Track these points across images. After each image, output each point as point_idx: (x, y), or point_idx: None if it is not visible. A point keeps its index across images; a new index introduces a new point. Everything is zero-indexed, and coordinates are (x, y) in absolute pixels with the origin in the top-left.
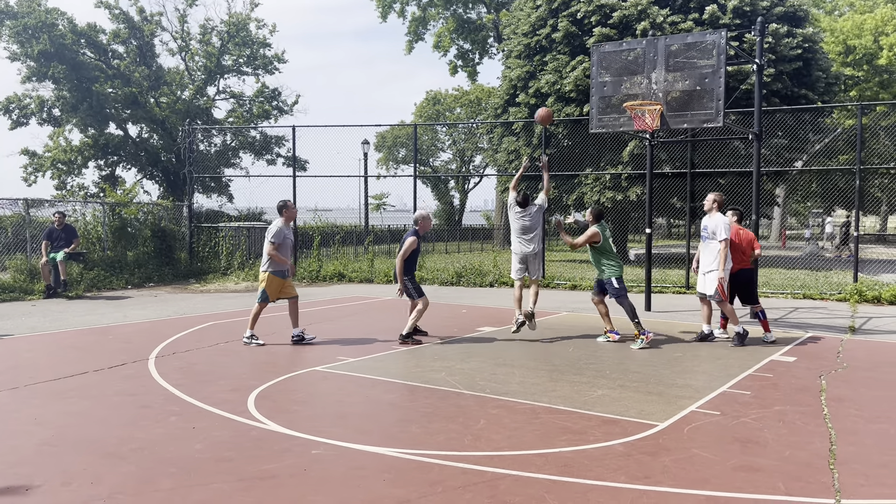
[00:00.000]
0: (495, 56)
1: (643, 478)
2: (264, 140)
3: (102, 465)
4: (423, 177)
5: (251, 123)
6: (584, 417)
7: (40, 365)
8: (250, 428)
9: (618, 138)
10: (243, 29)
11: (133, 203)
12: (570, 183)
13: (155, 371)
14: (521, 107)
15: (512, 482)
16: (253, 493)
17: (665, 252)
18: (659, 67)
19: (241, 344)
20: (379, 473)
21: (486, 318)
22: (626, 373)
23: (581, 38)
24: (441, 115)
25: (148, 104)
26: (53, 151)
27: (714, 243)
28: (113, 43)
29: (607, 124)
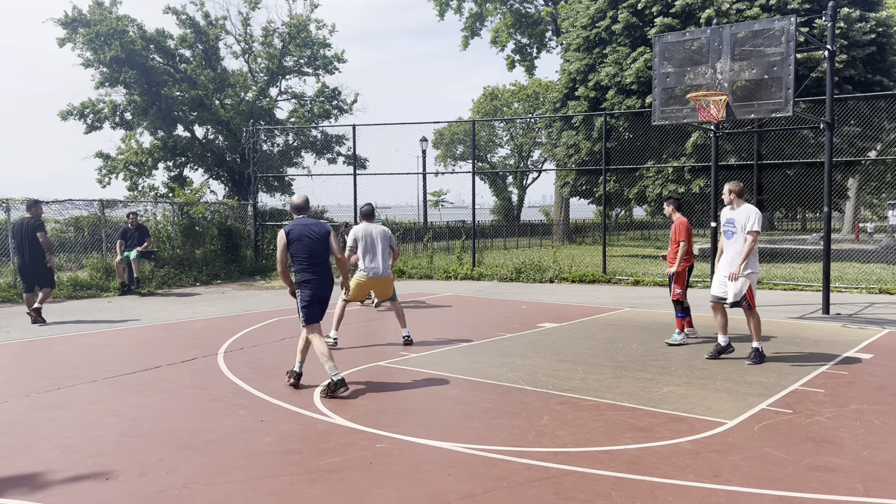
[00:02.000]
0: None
1: (712, 476)
2: (325, 139)
3: (177, 455)
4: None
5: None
6: (650, 414)
7: (116, 359)
8: (316, 421)
9: (681, 130)
10: (304, 30)
11: (200, 203)
12: (630, 177)
13: (224, 365)
14: (581, 100)
15: (577, 479)
16: (320, 486)
17: None
18: (724, 56)
19: None
20: (443, 468)
21: (546, 315)
22: (693, 369)
23: (642, 28)
24: (498, 111)
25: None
26: (125, 154)
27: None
28: (180, 48)
29: (670, 116)
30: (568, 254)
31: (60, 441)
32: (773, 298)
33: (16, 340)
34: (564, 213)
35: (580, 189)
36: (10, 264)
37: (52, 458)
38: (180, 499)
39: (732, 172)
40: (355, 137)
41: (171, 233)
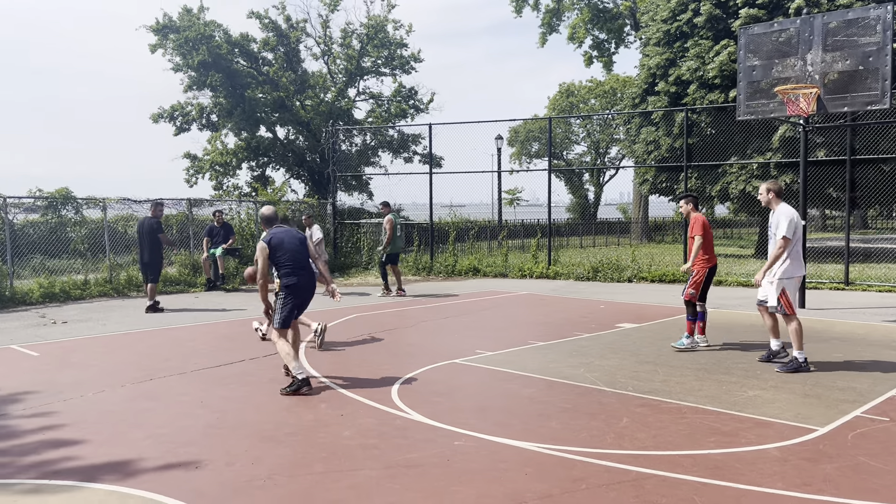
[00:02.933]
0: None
1: (802, 485)
2: (402, 138)
3: (261, 447)
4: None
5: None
6: (735, 419)
7: (203, 352)
8: (395, 417)
9: (766, 125)
10: (381, 31)
11: (282, 201)
12: (713, 173)
13: (305, 360)
14: (661, 95)
15: (658, 482)
16: (399, 481)
17: (820, 245)
18: (815, 47)
19: (384, 335)
20: (520, 467)
21: (625, 314)
22: (780, 374)
23: (725, 21)
24: (575, 108)
25: (294, 107)
26: (211, 154)
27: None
28: (263, 51)
29: (756, 110)
30: (647, 252)
31: (153, 430)
32: (867, 301)
33: (112, 333)
34: (643, 210)
35: (660, 186)
36: (106, 261)
37: (144, 446)
38: (265, 489)
39: (822, 168)
40: (431, 136)
41: (254, 231)
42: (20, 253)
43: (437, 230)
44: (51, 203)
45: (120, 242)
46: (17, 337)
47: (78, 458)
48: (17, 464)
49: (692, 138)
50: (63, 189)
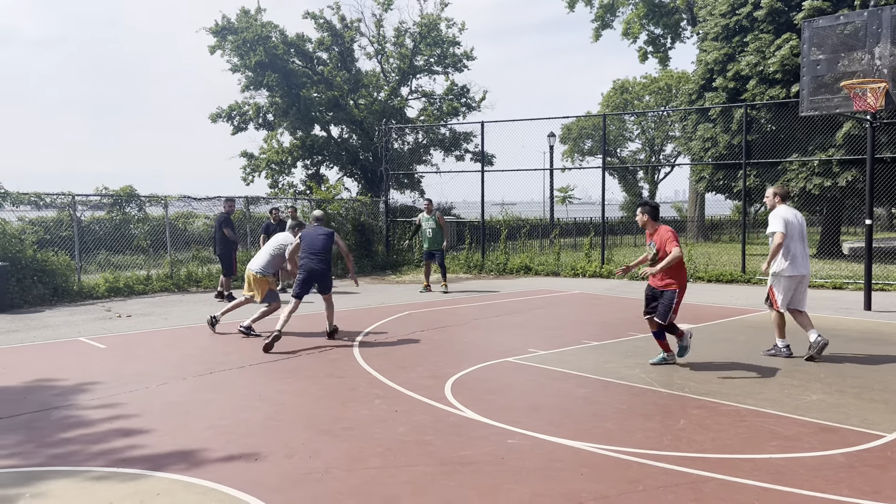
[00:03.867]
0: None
1: (871, 493)
2: (453, 137)
3: (318, 440)
4: (610, 168)
5: (441, 121)
6: (797, 423)
7: (260, 347)
8: (448, 414)
9: (829, 121)
10: (434, 29)
11: (336, 199)
12: (772, 171)
13: (359, 356)
14: (718, 91)
15: (718, 486)
16: (454, 478)
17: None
18: (884, 40)
19: (436, 332)
20: (576, 467)
21: (681, 315)
22: (844, 377)
23: (787, 14)
24: (629, 105)
25: (348, 106)
26: (267, 153)
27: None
28: (318, 50)
29: (820, 106)
30: (703, 251)
31: (214, 421)
32: None
33: (173, 327)
34: (699, 209)
35: (717, 184)
36: (167, 257)
37: (206, 437)
38: (323, 482)
39: (888, 166)
40: (483, 134)
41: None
42: (87, 249)
43: (489, 228)
44: (116, 201)
45: (180, 239)
46: (84, 330)
47: (144, 447)
48: (87, 451)
49: (751, 135)
50: (127, 187)
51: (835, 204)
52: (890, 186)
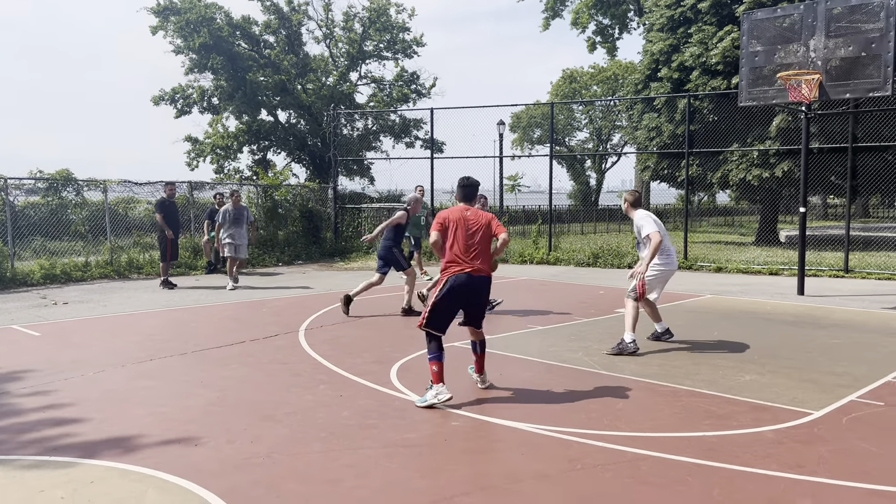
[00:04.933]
0: (635, 31)
1: (796, 467)
2: (403, 123)
3: (261, 426)
4: (558, 157)
5: (391, 107)
6: (731, 402)
7: (204, 334)
8: (393, 398)
9: (767, 112)
10: (383, 14)
11: (283, 185)
12: (714, 160)
13: (305, 342)
14: (664, 81)
15: (654, 463)
16: (396, 460)
17: (821, 233)
18: (818, 34)
19: (383, 318)
20: (517, 447)
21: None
22: (777, 358)
23: (730, 6)
24: (577, 94)
25: (296, 91)
26: (212, 138)
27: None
28: (264, 33)
29: (758, 97)
30: None
31: (153, 408)
32: (866, 288)
33: (112, 314)
34: (645, 197)
35: (662, 173)
36: (107, 243)
37: (145, 424)
38: (264, 466)
39: (822, 156)
40: (433, 121)
41: (255, 214)
42: (21, 234)
43: None
44: (51, 184)
45: (121, 225)
46: (18, 317)
47: (78, 435)
48: (17, 440)
49: (694, 125)
50: (63, 171)
51: (772, 193)
52: (823, 176)
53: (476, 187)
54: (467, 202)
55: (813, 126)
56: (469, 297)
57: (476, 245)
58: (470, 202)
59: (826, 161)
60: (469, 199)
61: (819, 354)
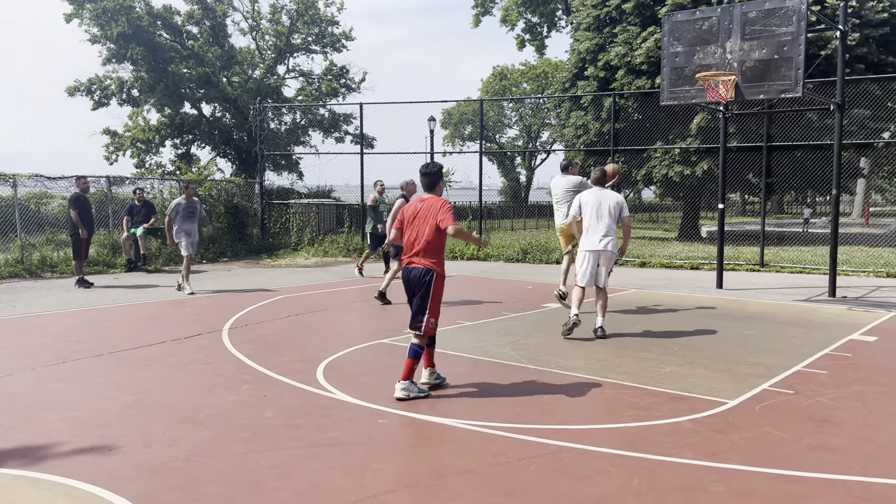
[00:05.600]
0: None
1: (711, 454)
2: (332, 118)
3: (180, 428)
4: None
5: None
6: (651, 394)
7: (122, 334)
8: (319, 397)
9: (689, 111)
10: (312, 7)
11: (207, 180)
12: (638, 158)
13: (228, 342)
14: (590, 80)
15: (577, 455)
16: (321, 459)
17: (738, 229)
18: (734, 36)
19: (311, 316)
20: (443, 444)
21: (552, 295)
22: (695, 350)
23: (653, 7)
24: (508, 91)
25: (221, 84)
26: (133, 131)
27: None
28: (187, 24)
29: (679, 96)
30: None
31: (65, 413)
32: (780, 281)
33: (22, 315)
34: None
35: (589, 170)
36: (17, 240)
37: (55, 430)
38: (182, 470)
39: (740, 154)
40: (362, 116)
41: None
42: None
43: None
44: None
45: (32, 221)
46: None
47: None
48: None
49: (619, 123)
50: None
51: (693, 190)
52: (741, 174)
53: (434, 175)
54: (428, 191)
55: (731, 125)
56: (409, 291)
57: (419, 237)
58: (431, 191)
59: (743, 159)
60: (429, 188)
61: (734, 345)
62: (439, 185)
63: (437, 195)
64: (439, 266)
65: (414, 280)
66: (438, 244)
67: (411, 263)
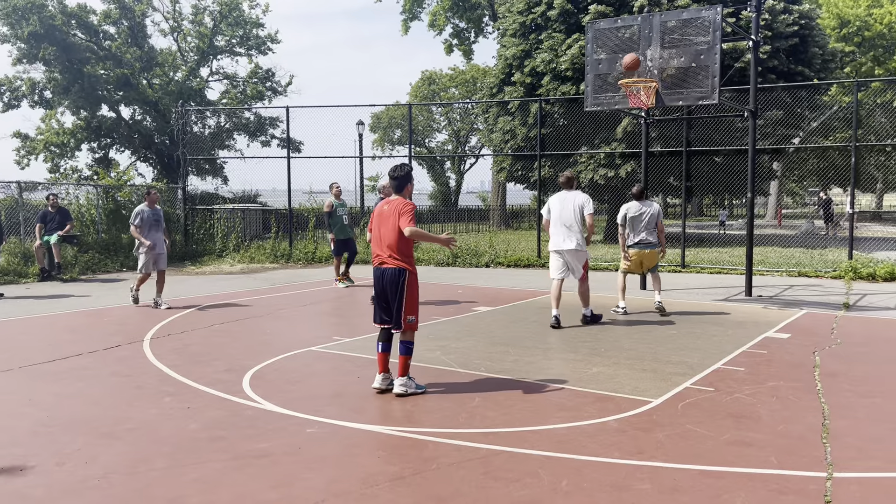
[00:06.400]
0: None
1: (637, 453)
2: (258, 121)
3: (97, 445)
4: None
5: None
6: (579, 395)
7: (34, 347)
8: (245, 407)
9: (613, 116)
10: (236, 9)
11: (127, 186)
12: (564, 162)
13: (150, 352)
14: (517, 86)
15: (507, 458)
16: (247, 471)
17: None
18: (655, 44)
19: (236, 324)
20: (373, 451)
21: (481, 298)
22: (621, 350)
23: (577, 15)
24: (436, 96)
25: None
26: (46, 134)
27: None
28: (104, 24)
29: (603, 102)
30: (504, 239)
31: None
32: (699, 282)
33: None
34: (501, 198)
35: (516, 174)
36: None
37: None
38: (99, 489)
39: (662, 159)
40: (289, 120)
41: (95, 217)
42: None
43: (297, 216)
44: None
45: None
46: None
47: None
48: None
49: (546, 128)
50: None
51: (618, 193)
52: (662, 178)
53: (402, 178)
54: (396, 194)
55: (652, 130)
56: (383, 291)
57: (384, 238)
58: (399, 193)
59: (665, 163)
60: (396, 190)
61: (658, 345)
62: (407, 187)
63: (403, 198)
64: (411, 265)
65: (388, 281)
66: (405, 244)
67: (384, 264)
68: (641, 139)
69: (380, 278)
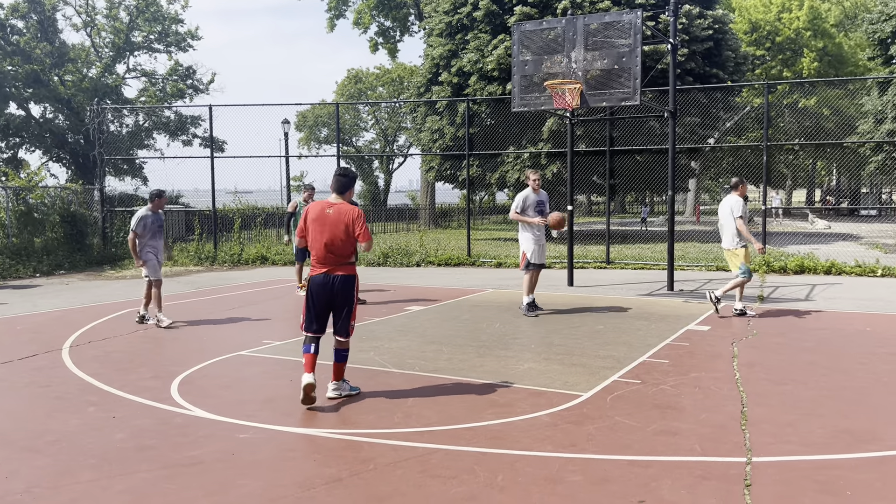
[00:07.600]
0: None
1: (569, 446)
2: (179, 120)
3: (16, 459)
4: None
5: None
6: (512, 391)
7: None
8: (174, 415)
9: (540, 116)
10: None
11: (39, 187)
12: (492, 162)
13: (69, 361)
14: (444, 85)
15: (443, 456)
16: (178, 480)
17: (586, 229)
18: (578, 46)
19: (162, 330)
20: (309, 454)
21: (413, 298)
22: (551, 346)
23: (502, 16)
24: (363, 94)
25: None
26: None
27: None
28: (11, 17)
29: (529, 103)
30: (434, 238)
31: None
32: (625, 277)
33: None
34: (430, 197)
35: (445, 174)
36: None
37: None
38: None
39: (587, 158)
40: (212, 119)
41: (4, 220)
42: None
43: (221, 217)
44: None
45: None
46: None
47: None
48: None
49: (473, 128)
50: None
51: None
52: (587, 176)
53: (351, 179)
54: (338, 194)
55: (578, 130)
56: (328, 300)
57: (334, 244)
58: (342, 195)
59: (590, 162)
60: (341, 189)
61: (587, 340)
62: (352, 189)
63: (347, 200)
64: (355, 270)
65: (338, 288)
66: (353, 250)
67: (333, 271)
68: (567, 139)
69: (328, 286)
